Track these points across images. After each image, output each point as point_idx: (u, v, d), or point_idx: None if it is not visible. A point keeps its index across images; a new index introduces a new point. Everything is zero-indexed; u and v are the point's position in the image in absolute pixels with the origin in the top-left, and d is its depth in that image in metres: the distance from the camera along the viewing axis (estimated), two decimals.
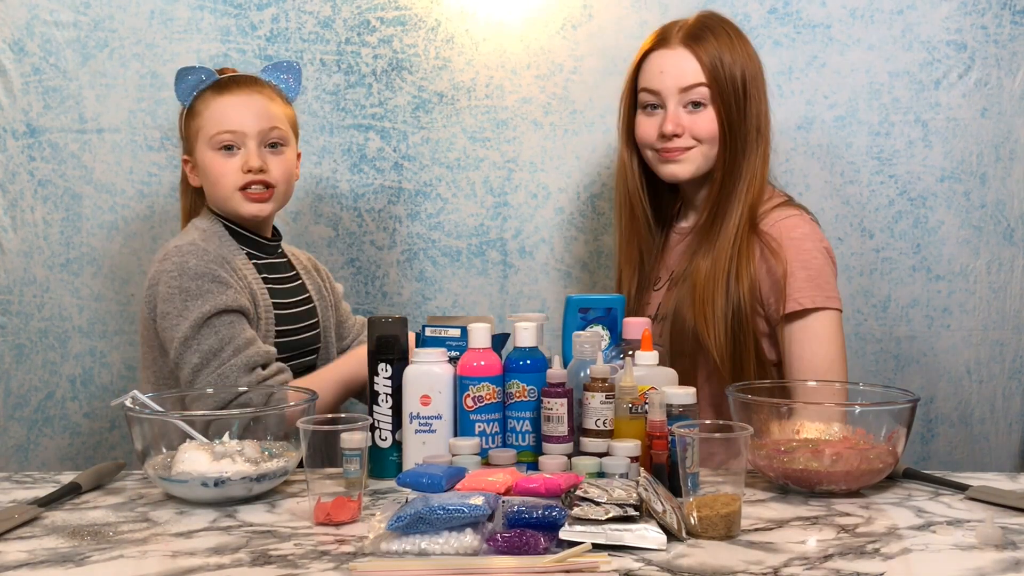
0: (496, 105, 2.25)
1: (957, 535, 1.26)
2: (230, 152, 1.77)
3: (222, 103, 1.78)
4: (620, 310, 1.68)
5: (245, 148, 1.77)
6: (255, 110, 1.78)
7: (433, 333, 1.62)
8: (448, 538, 1.20)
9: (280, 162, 1.81)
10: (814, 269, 1.74)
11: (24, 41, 2.20)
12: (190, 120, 1.81)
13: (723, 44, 1.78)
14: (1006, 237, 2.24)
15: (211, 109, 1.78)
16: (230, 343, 1.68)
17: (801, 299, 1.72)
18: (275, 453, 1.47)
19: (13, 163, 2.22)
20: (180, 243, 1.75)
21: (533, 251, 2.28)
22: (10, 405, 2.24)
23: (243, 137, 1.77)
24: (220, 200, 1.80)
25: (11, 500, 1.43)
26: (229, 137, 1.76)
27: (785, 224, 1.76)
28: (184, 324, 1.67)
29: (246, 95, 1.79)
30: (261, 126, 1.78)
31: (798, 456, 1.44)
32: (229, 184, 1.77)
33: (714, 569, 1.15)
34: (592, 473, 1.38)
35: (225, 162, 1.77)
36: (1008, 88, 2.22)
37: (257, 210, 1.79)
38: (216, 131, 1.76)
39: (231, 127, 1.76)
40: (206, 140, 1.78)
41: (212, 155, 1.78)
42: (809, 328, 1.73)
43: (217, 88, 1.80)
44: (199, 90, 1.80)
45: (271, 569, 1.16)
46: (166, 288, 1.70)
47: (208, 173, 1.79)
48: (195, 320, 1.67)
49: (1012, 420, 2.27)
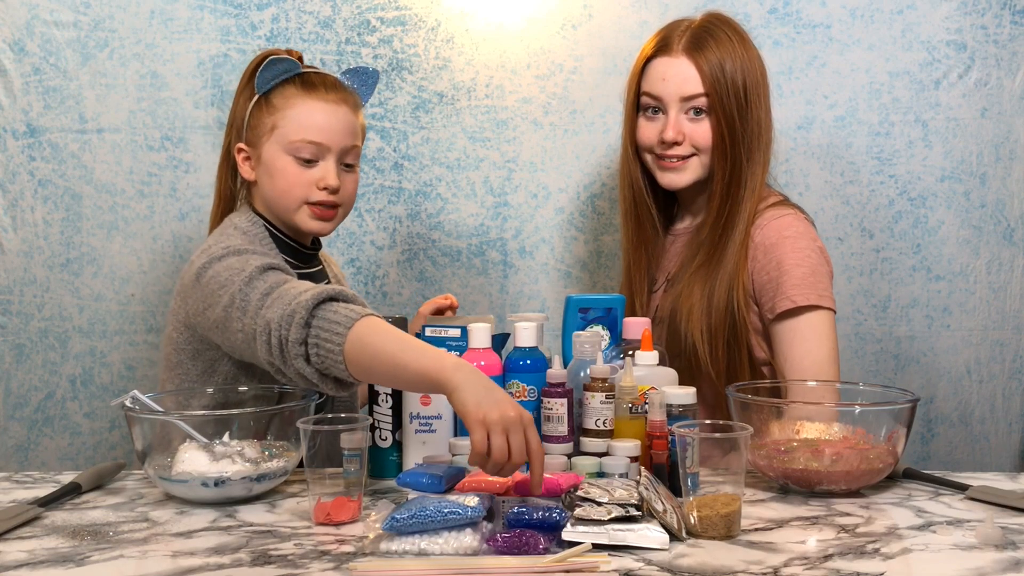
0: (496, 105, 2.25)
1: (957, 535, 1.26)
2: (308, 164, 1.65)
3: (310, 107, 1.65)
4: (620, 310, 1.68)
5: (324, 163, 1.65)
6: (342, 123, 1.67)
7: (433, 333, 1.62)
8: (448, 538, 1.20)
9: (352, 181, 1.71)
10: (808, 267, 1.73)
11: (24, 41, 2.20)
12: (263, 111, 1.66)
13: (725, 51, 1.77)
14: (1006, 237, 2.24)
15: (296, 109, 1.64)
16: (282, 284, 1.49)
17: (795, 297, 1.71)
18: (275, 453, 1.47)
19: (13, 163, 2.22)
20: (221, 238, 1.64)
21: (533, 251, 2.28)
22: (10, 405, 2.24)
23: (325, 151, 1.65)
24: (282, 208, 1.67)
25: (11, 500, 1.43)
26: (312, 149, 1.64)
27: (779, 223, 1.76)
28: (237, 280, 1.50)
29: (335, 103, 1.67)
30: (344, 143, 1.67)
31: (798, 456, 1.44)
32: (299, 196, 1.65)
33: (714, 569, 1.15)
34: (592, 473, 1.38)
35: (301, 172, 1.65)
36: (1008, 88, 2.22)
37: (320, 228, 1.69)
38: (299, 137, 1.63)
39: (316, 138, 1.64)
40: (283, 141, 1.64)
41: (287, 160, 1.64)
42: (800, 326, 1.72)
43: (304, 86, 1.66)
44: (279, 80, 1.66)
45: (271, 569, 1.16)
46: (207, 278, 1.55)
47: (277, 177, 1.65)
48: (250, 274, 1.50)
49: (1012, 420, 2.27)
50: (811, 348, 1.72)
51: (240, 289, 1.49)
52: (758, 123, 1.78)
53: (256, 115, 1.67)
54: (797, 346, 1.72)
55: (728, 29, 1.81)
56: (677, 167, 1.81)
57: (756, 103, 1.78)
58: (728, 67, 1.76)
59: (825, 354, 1.72)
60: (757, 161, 1.78)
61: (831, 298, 1.75)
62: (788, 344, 1.73)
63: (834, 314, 1.75)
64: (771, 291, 1.73)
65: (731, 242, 1.77)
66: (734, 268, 1.75)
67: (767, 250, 1.74)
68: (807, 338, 1.72)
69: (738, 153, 1.77)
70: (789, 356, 1.73)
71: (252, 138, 1.68)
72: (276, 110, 1.65)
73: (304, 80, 1.68)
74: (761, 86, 1.79)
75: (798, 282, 1.72)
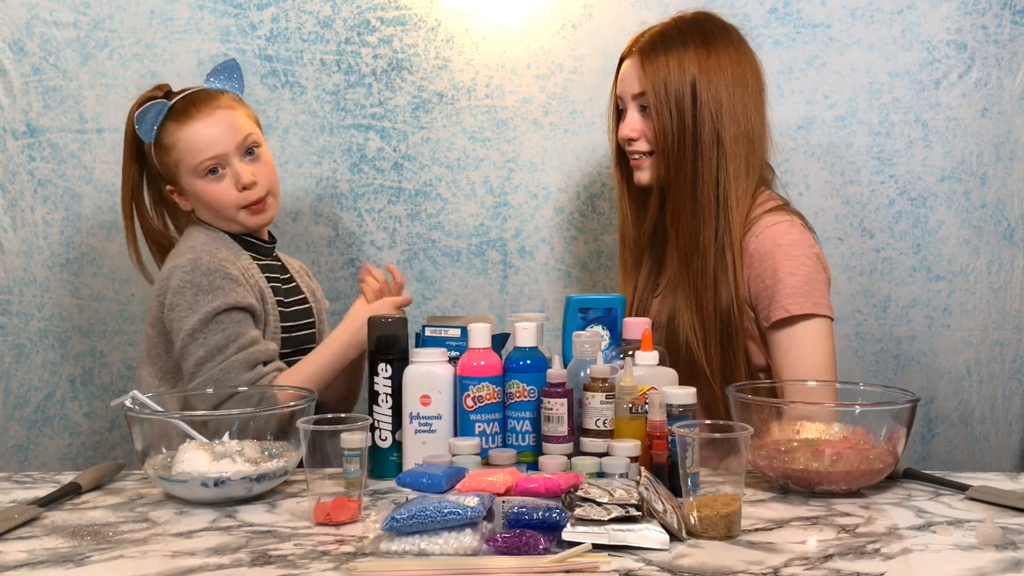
0: (496, 105, 2.25)
1: (957, 535, 1.26)
2: (217, 175, 1.79)
3: (191, 131, 1.78)
4: (620, 310, 1.68)
5: (230, 167, 1.79)
6: (224, 127, 1.79)
7: (433, 333, 1.62)
8: (448, 538, 1.20)
9: (262, 166, 1.83)
10: (803, 275, 1.71)
11: (24, 41, 2.20)
12: (161, 154, 1.82)
13: (674, 53, 1.75)
14: (1006, 237, 2.24)
15: (183, 140, 1.78)
16: (235, 340, 1.70)
17: (789, 306, 1.70)
18: (275, 453, 1.47)
19: (13, 163, 2.22)
20: (192, 243, 1.79)
21: (533, 251, 2.28)
22: (10, 405, 2.24)
23: (225, 157, 1.79)
24: (225, 220, 1.83)
25: (11, 500, 1.43)
26: (212, 162, 1.78)
27: (774, 230, 1.74)
28: (193, 318, 1.70)
29: (207, 115, 1.79)
30: (236, 140, 1.80)
31: (798, 456, 1.44)
32: (229, 205, 1.80)
33: (714, 569, 1.15)
34: (592, 473, 1.38)
35: (217, 186, 1.79)
36: (1008, 88, 2.22)
37: (261, 220, 1.84)
38: (197, 160, 1.78)
39: (211, 152, 1.78)
40: (189, 170, 1.79)
41: (202, 183, 1.79)
42: (796, 335, 1.71)
43: (178, 117, 1.79)
44: (158, 123, 1.80)
45: (271, 569, 1.16)
46: (178, 282, 1.72)
47: (204, 199, 1.81)
48: (204, 315, 1.70)
49: (1012, 420, 2.27)
50: (807, 356, 1.71)
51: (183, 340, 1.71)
52: (713, 128, 1.74)
53: (160, 160, 1.83)
54: (793, 354, 1.71)
55: (694, 33, 1.78)
56: (640, 164, 1.83)
57: (711, 107, 1.74)
58: (672, 68, 1.75)
59: (822, 362, 1.71)
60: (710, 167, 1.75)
61: (827, 305, 1.73)
62: (784, 352, 1.72)
63: (831, 321, 1.74)
64: (766, 299, 1.73)
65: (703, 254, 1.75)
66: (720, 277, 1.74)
67: (762, 258, 1.73)
68: (803, 346, 1.71)
69: (683, 163, 1.75)
70: (785, 364, 1.72)
71: (170, 178, 1.84)
72: (170, 148, 1.80)
73: (176, 111, 1.81)
74: (727, 90, 1.75)
75: (792, 291, 1.71)
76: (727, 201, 1.75)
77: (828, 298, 1.75)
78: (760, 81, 1.81)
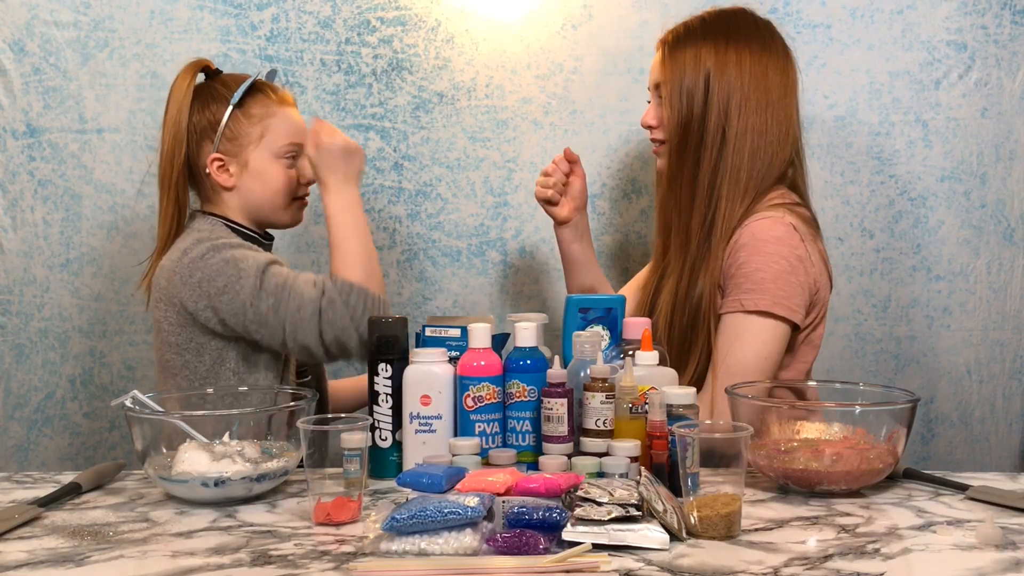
0: (496, 105, 2.25)
1: (957, 535, 1.26)
2: (292, 161, 1.83)
3: (288, 113, 1.83)
4: (620, 310, 1.68)
5: (301, 160, 1.83)
6: (304, 126, 1.85)
7: (433, 333, 1.62)
8: (448, 538, 1.20)
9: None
10: (769, 272, 1.69)
11: (24, 41, 2.20)
12: (242, 121, 1.80)
13: (693, 48, 1.77)
14: (1006, 237, 2.24)
15: (278, 118, 1.81)
16: (289, 275, 1.70)
17: (745, 301, 1.70)
18: (275, 453, 1.47)
19: (13, 163, 2.22)
20: (199, 236, 1.75)
21: (533, 251, 2.28)
22: (10, 405, 2.24)
23: (302, 150, 1.82)
24: (272, 207, 1.84)
25: (11, 500, 1.43)
26: (296, 149, 1.82)
27: (757, 225, 1.73)
28: (247, 282, 1.68)
29: (293, 107, 1.86)
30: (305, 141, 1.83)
31: (798, 456, 1.44)
32: (289, 193, 1.84)
33: (714, 569, 1.15)
34: (592, 473, 1.38)
35: (288, 173, 1.83)
36: (1008, 88, 2.22)
37: (300, 217, 1.90)
38: (288, 140, 1.81)
39: (298, 139, 1.82)
40: (271, 147, 1.81)
41: (278, 163, 1.82)
42: (736, 324, 1.71)
43: (276, 97, 1.84)
44: (247, 91, 1.81)
45: (271, 569, 1.16)
46: (209, 270, 1.70)
47: (271, 181, 1.82)
48: (255, 273, 1.68)
49: (1012, 420, 2.27)
50: (741, 346, 1.69)
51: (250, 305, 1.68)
52: (720, 127, 1.75)
53: (234, 126, 1.80)
54: (729, 340, 1.71)
55: (718, 27, 1.80)
56: (659, 152, 1.86)
57: (719, 106, 1.75)
58: (689, 61, 1.77)
59: (753, 357, 1.69)
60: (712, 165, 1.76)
61: (788, 307, 1.70)
62: (722, 335, 1.72)
63: (786, 325, 1.71)
64: (730, 288, 1.73)
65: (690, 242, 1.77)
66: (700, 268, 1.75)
67: (738, 250, 1.73)
68: (740, 336, 1.70)
69: (686, 152, 1.77)
70: (719, 346, 1.71)
71: (231, 148, 1.81)
72: (258, 120, 1.81)
73: (269, 89, 1.84)
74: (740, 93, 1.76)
75: (753, 286, 1.70)
76: (720, 192, 1.76)
77: (794, 301, 1.70)
78: (788, 78, 1.81)
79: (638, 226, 2.27)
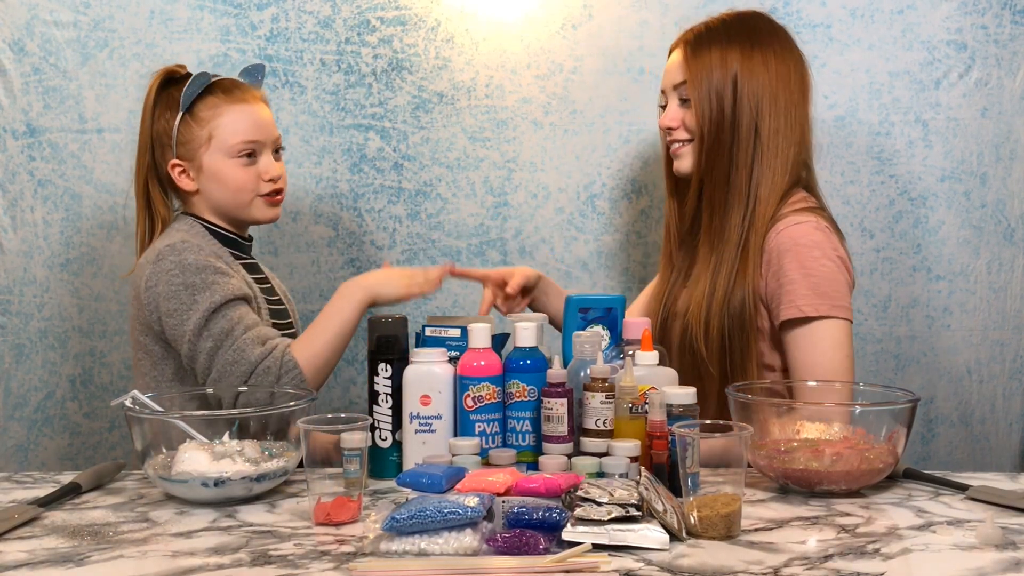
0: (496, 105, 2.25)
1: (957, 535, 1.26)
2: (249, 160, 1.81)
3: (239, 112, 1.81)
4: (620, 310, 1.68)
5: (263, 157, 1.83)
6: (266, 119, 1.84)
7: (433, 333, 1.62)
8: (448, 538, 1.20)
9: (282, 167, 1.88)
10: (819, 276, 1.69)
11: (24, 41, 2.20)
12: (189, 126, 1.80)
13: (718, 48, 1.77)
14: (1006, 237, 2.24)
15: (226, 117, 1.80)
16: (239, 323, 1.70)
17: (803, 306, 1.69)
18: (275, 453, 1.47)
19: (13, 163, 2.22)
20: (171, 242, 1.76)
21: (533, 251, 2.28)
22: (10, 405, 2.24)
23: (261, 146, 1.82)
24: (236, 206, 1.83)
25: (11, 500, 1.43)
26: (251, 147, 1.81)
27: (795, 230, 1.72)
28: (195, 316, 1.69)
29: (254, 104, 1.83)
30: (273, 135, 1.85)
31: (798, 456, 1.44)
32: (251, 191, 1.82)
33: (714, 569, 1.15)
34: (592, 473, 1.38)
35: (246, 171, 1.81)
36: (1008, 88, 2.22)
37: (274, 214, 1.87)
38: (238, 139, 1.80)
39: (253, 137, 1.81)
40: (222, 148, 1.80)
41: (231, 163, 1.81)
42: (811, 336, 1.69)
43: (226, 96, 1.82)
44: (197, 95, 1.80)
45: (271, 569, 1.16)
46: (168, 287, 1.71)
47: (226, 180, 1.81)
48: (205, 310, 1.69)
49: (1012, 420, 2.27)
50: (820, 358, 1.69)
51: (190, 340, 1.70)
52: (752, 127, 1.75)
53: (185, 131, 1.81)
54: (807, 355, 1.69)
55: (741, 30, 1.80)
56: (679, 152, 1.83)
57: (749, 106, 1.75)
58: (715, 61, 1.76)
59: (836, 365, 1.69)
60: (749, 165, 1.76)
61: (846, 308, 1.71)
62: (799, 352, 1.70)
63: (850, 324, 1.72)
64: (779, 298, 1.71)
65: (727, 243, 1.76)
66: (738, 270, 1.73)
67: (780, 256, 1.71)
68: (816, 348, 1.69)
69: (719, 152, 1.76)
70: (803, 365, 1.70)
71: (185, 152, 1.82)
72: (206, 122, 1.80)
73: (224, 88, 1.83)
74: (770, 94, 1.76)
75: (807, 291, 1.69)
76: (757, 192, 1.76)
77: (848, 301, 1.72)
78: (804, 83, 1.81)
79: (638, 226, 2.27)
